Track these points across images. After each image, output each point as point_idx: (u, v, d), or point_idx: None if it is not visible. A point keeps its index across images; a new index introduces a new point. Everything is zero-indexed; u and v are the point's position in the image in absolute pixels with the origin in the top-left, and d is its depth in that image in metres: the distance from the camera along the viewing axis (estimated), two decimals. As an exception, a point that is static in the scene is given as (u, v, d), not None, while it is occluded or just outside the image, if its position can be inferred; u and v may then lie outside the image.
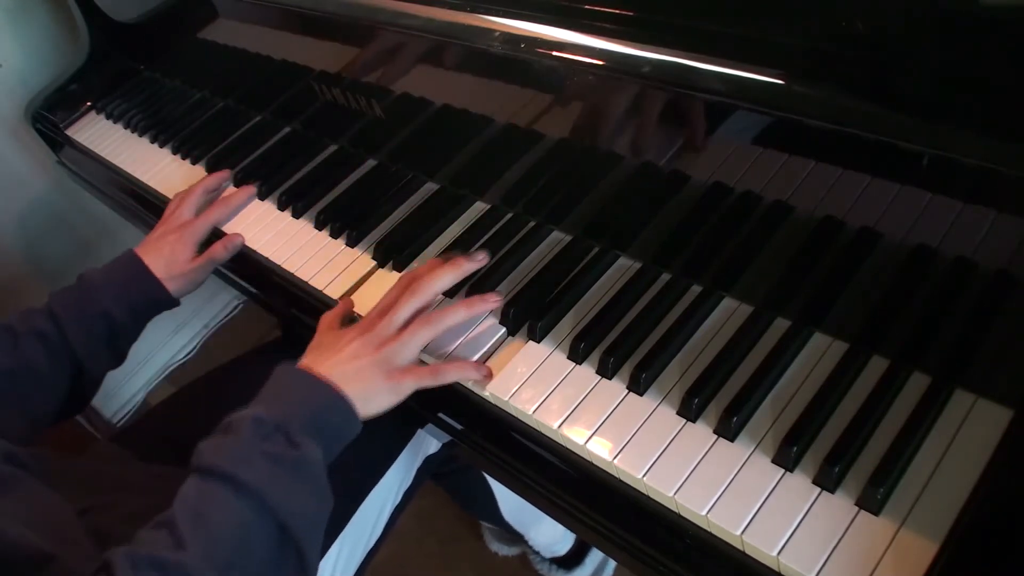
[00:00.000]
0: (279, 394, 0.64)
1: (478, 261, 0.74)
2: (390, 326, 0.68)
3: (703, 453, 0.58)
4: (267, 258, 0.90)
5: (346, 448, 0.66)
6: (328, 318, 0.75)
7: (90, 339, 0.81)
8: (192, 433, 0.62)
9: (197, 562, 0.52)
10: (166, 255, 0.88)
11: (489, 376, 0.68)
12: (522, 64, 0.65)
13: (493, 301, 0.71)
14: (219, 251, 0.90)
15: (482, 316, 0.72)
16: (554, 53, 0.61)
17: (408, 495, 0.88)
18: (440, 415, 0.72)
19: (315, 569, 0.59)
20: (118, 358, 0.86)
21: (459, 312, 0.69)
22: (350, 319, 0.76)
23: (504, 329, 0.71)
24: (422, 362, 0.71)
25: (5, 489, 0.60)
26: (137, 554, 0.52)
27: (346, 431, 0.65)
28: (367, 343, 0.67)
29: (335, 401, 0.64)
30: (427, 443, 0.88)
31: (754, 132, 0.55)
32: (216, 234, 0.94)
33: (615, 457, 0.59)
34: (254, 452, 0.58)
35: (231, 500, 0.56)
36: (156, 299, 0.86)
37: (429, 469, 0.90)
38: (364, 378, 0.66)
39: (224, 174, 1.01)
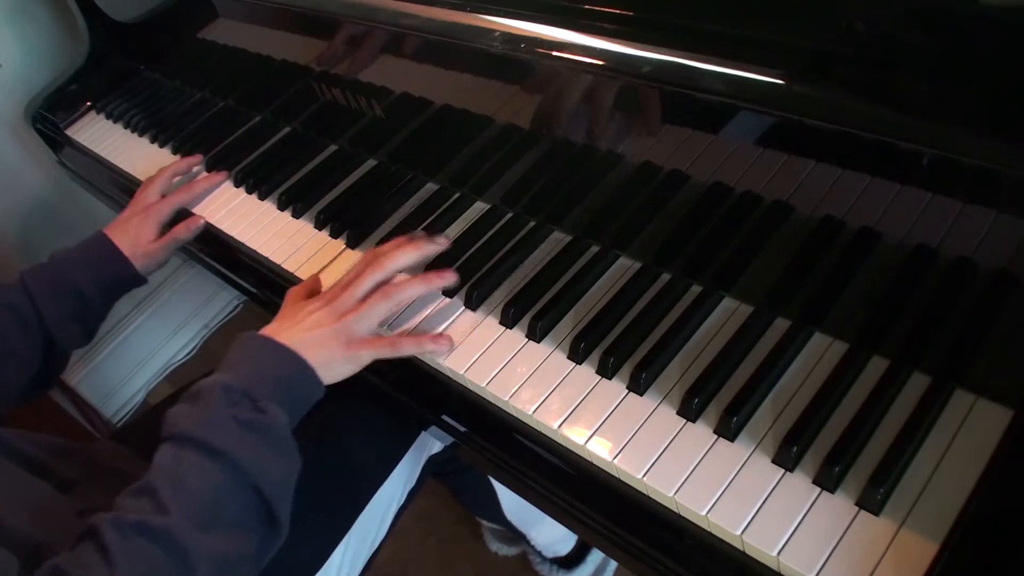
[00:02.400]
0: (244, 360, 0.66)
1: (439, 244, 0.78)
2: (351, 298, 0.71)
3: (703, 453, 0.58)
4: (267, 258, 0.90)
5: (352, 450, 0.67)
6: (294, 291, 0.77)
7: (62, 314, 0.84)
8: None
9: (181, 523, 0.55)
10: (131, 235, 0.93)
11: (448, 344, 0.71)
12: (522, 64, 0.65)
13: (449, 277, 0.74)
14: (180, 231, 0.95)
15: (437, 290, 0.75)
16: (554, 53, 0.61)
17: (412, 494, 0.88)
18: (443, 417, 0.72)
19: (286, 528, 0.61)
20: (87, 334, 0.89)
21: (416, 286, 0.72)
22: (315, 293, 0.78)
23: (504, 329, 0.71)
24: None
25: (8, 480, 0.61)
26: (122, 519, 0.54)
27: (309, 395, 0.67)
28: (328, 313, 0.70)
29: (298, 367, 0.66)
30: (431, 442, 0.89)
31: (754, 132, 0.55)
32: (183, 216, 0.98)
33: (615, 457, 0.59)
34: (225, 418, 0.60)
35: (206, 464, 0.58)
36: (124, 275, 0.91)
37: (432, 468, 0.90)
38: (324, 346, 0.68)
39: (195, 159, 1.06)
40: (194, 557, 0.54)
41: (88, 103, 1.31)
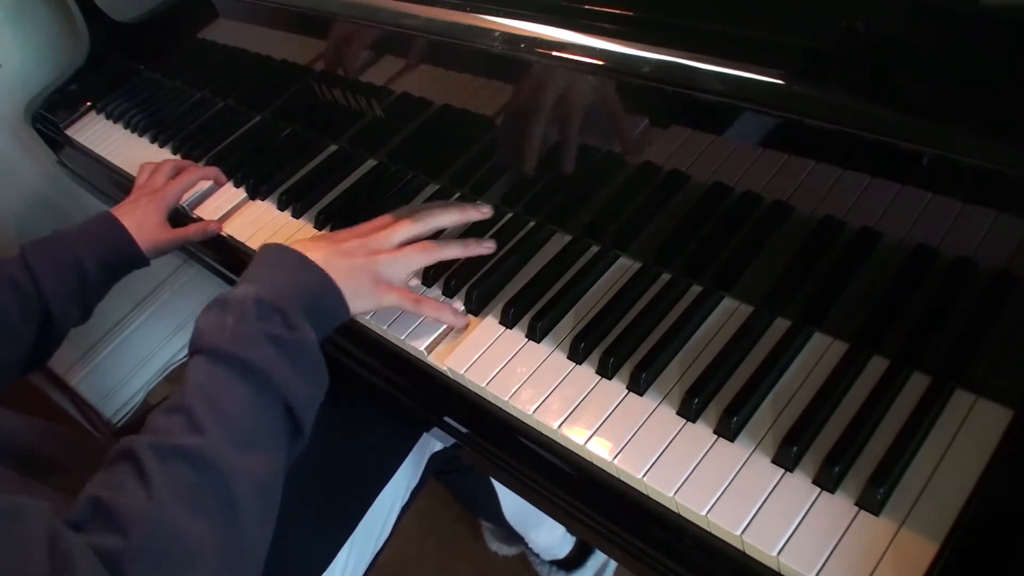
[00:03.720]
0: (275, 273, 0.66)
1: (483, 213, 0.77)
2: (387, 240, 0.71)
3: (703, 453, 0.58)
4: (267, 258, 0.90)
5: (355, 452, 0.66)
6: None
7: (62, 289, 0.82)
8: None
9: (219, 444, 0.54)
10: (138, 216, 0.91)
11: (465, 323, 0.71)
12: (522, 64, 0.65)
13: (489, 246, 0.75)
14: (195, 231, 0.94)
15: (474, 256, 0.75)
16: (554, 53, 0.61)
17: (415, 493, 0.88)
18: (444, 419, 0.72)
19: (307, 435, 0.61)
20: (85, 313, 0.87)
21: (454, 248, 0.73)
22: None
23: (504, 329, 0.71)
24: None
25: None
26: (160, 444, 0.53)
27: (335, 315, 0.67)
28: (362, 245, 0.70)
29: (328, 287, 0.66)
30: (432, 442, 0.89)
31: (754, 132, 0.55)
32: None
33: (615, 457, 0.59)
34: (258, 334, 0.59)
35: (241, 381, 0.57)
36: (128, 255, 0.89)
37: (435, 467, 0.90)
38: (353, 276, 0.68)
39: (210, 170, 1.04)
40: (233, 479, 0.53)
41: (88, 103, 1.31)
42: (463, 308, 0.74)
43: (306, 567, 0.76)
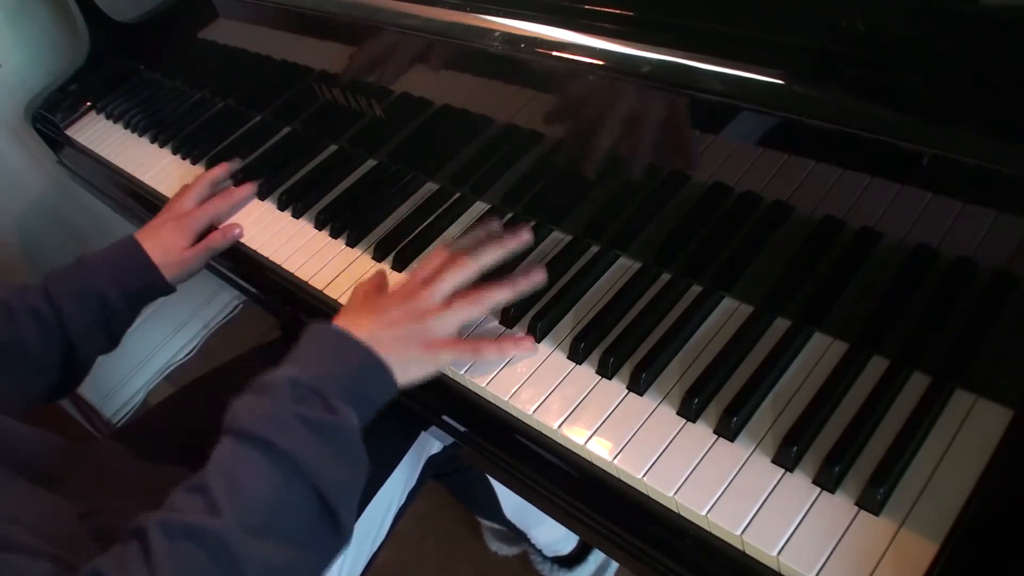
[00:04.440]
0: (315, 354, 0.63)
1: (523, 240, 0.74)
2: (433, 298, 0.68)
3: (703, 453, 0.58)
4: (267, 258, 0.90)
5: None
6: (362, 286, 0.74)
7: (84, 320, 0.81)
8: (192, 432, 0.62)
9: (232, 528, 0.51)
10: (163, 242, 0.88)
11: (531, 346, 0.68)
12: (522, 64, 0.65)
13: (539, 277, 0.71)
14: (217, 239, 0.91)
15: (527, 292, 0.71)
16: (554, 53, 0.61)
17: (412, 494, 0.88)
18: (443, 418, 0.72)
19: (350, 533, 0.58)
20: (112, 341, 0.86)
21: (505, 292, 0.69)
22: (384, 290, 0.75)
23: (504, 329, 0.71)
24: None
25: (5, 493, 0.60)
26: (171, 521, 0.51)
27: (382, 396, 0.64)
28: (408, 311, 0.67)
29: (373, 366, 0.63)
30: (429, 443, 0.88)
31: (754, 132, 0.55)
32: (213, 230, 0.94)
33: (615, 457, 0.59)
34: (289, 415, 0.57)
35: (265, 465, 0.55)
36: (151, 284, 0.87)
37: (432, 469, 0.90)
38: (402, 346, 0.65)
39: (233, 164, 1.02)
40: (244, 563, 0.51)
41: (88, 103, 1.31)
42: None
43: None
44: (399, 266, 0.82)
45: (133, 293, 0.85)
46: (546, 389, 0.65)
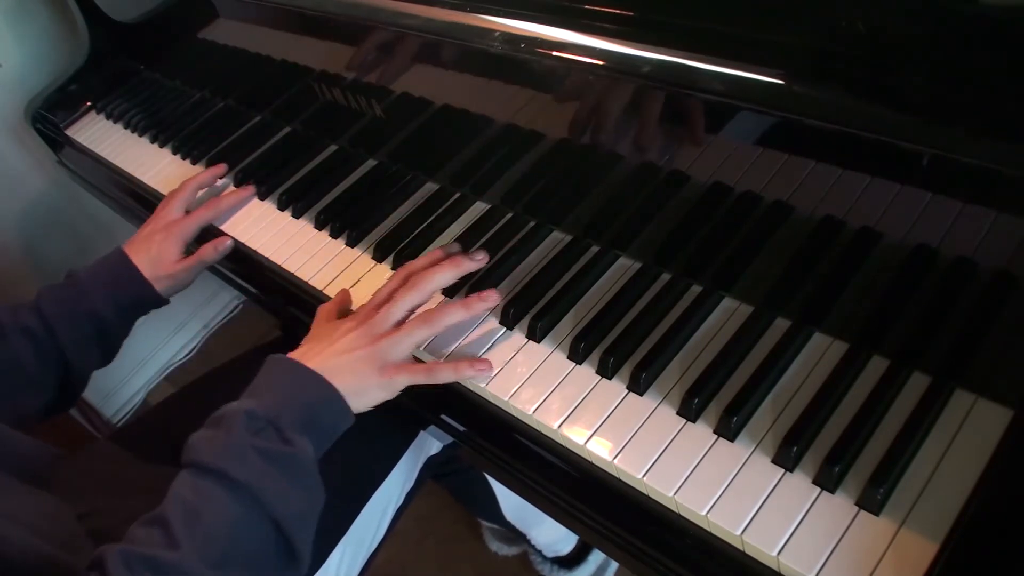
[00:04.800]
0: (270, 386, 0.64)
1: (478, 261, 0.74)
2: (386, 321, 0.68)
3: (703, 453, 0.58)
4: (267, 258, 0.90)
5: (350, 450, 0.66)
6: (325, 309, 0.75)
7: (78, 337, 0.81)
8: (192, 432, 0.62)
9: (191, 561, 0.52)
10: (153, 254, 0.88)
11: (488, 369, 0.68)
12: (522, 64, 0.65)
13: (491, 299, 0.70)
14: (208, 252, 0.90)
15: (481, 316, 0.72)
16: (554, 53, 0.61)
17: (410, 495, 0.88)
18: (442, 417, 0.72)
19: (306, 564, 0.59)
20: (107, 355, 0.86)
21: (457, 312, 0.69)
22: (347, 312, 0.76)
23: (504, 329, 0.71)
24: (417, 359, 0.71)
25: (4, 494, 0.60)
26: (131, 552, 0.52)
27: (337, 425, 0.65)
28: (362, 335, 0.67)
29: (327, 395, 0.64)
30: (428, 444, 0.88)
31: (754, 132, 0.55)
32: (211, 232, 0.94)
33: (615, 457, 0.59)
34: (246, 448, 0.58)
35: (224, 497, 0.56)
36: (143, 298, 0.87)
37: (431, 469, 0.90)
38: (357, 371, 0.66)
39: (219, 169, 1.01)
40: None
41: (88, 103, 1.31)
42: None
43: None
44: (398, 267, 0.82)
45: (126, 308, 0.85)
46: (546, 389, 0.65)
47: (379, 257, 0.84)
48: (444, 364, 0.68)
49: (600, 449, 0.60)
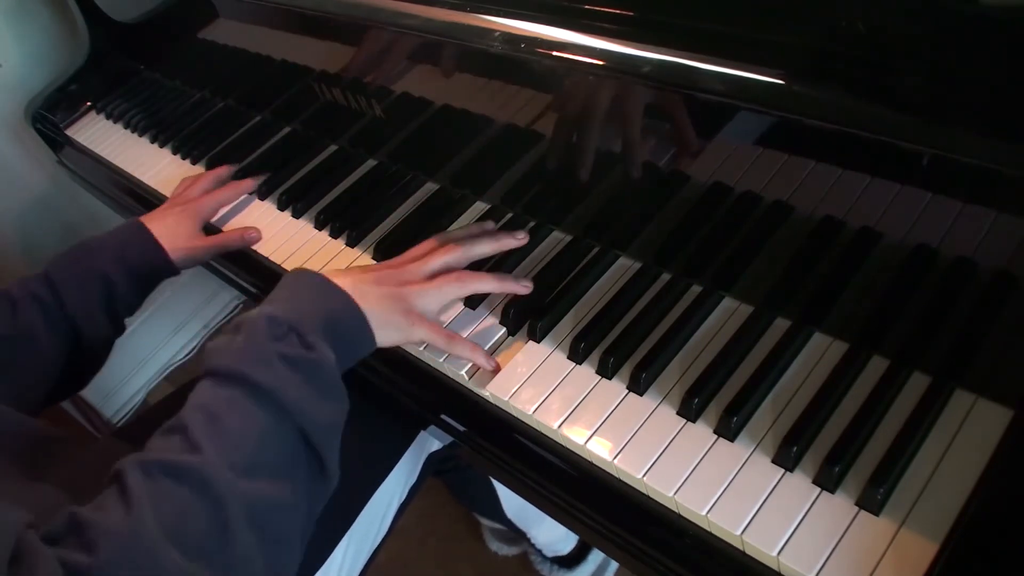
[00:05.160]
0: (294, 295, 0.62)
1: (519, 240, 0.75)
2: (419, 271, 0.68)
3: (703, 453, 0.58)
4: (267, 258, 0.90)
5: (352, 448, 0.65)
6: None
7: (86, 301, 0.79)
8: None
9: (212, 463, 0.49)
10: (170, 225, 0.87)
11: (496, 369, 0.68)
12: (522, 64, 0.65)
13: (524, 287, 0.71)
14: (234, 238, 0.90)
15: (509, 293, 0.72)
16: (554, 53, 0.61)
17: (413, 491, 0.88)
18: (442, 417, 0.72)
19: (335, 474, 0.57)
20: (116, 325, 0.83)
21: (489, 282, 0.70)
22: None
23: (504, 329, 0.71)
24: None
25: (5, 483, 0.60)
26: (148, 460, 0.49)
27: (360, 343, 0.63)
28: (393, 276, 0.67)
29: (350, 309, 0.62)
30: (430, 440, 0.88)
31: (754, 132, 0.55)
32: (210, 230, 0.94)
33: (615, 457, 0.59)
34: (268, 352, 0.55)
35: (247, 402, 0.53)
36: (156, 264, 0.85)
37: (433, 465, 0.90)
38: (382, 304, 0.65)
39: (232, 168, 1.02)
40: (227, 500, 0.48)
41: (88, 103, 1.31)
42: (462, 307, 0.74)
43: (302, 564, 0.75)
44: (399, 266, 0.82)
45: (138, 272, 0.83)
46: (546, 389, 0.65)
47: (379, 257, 0.84)
48: (464, 341, 0.68)
49: (600, 449, 0.60)
